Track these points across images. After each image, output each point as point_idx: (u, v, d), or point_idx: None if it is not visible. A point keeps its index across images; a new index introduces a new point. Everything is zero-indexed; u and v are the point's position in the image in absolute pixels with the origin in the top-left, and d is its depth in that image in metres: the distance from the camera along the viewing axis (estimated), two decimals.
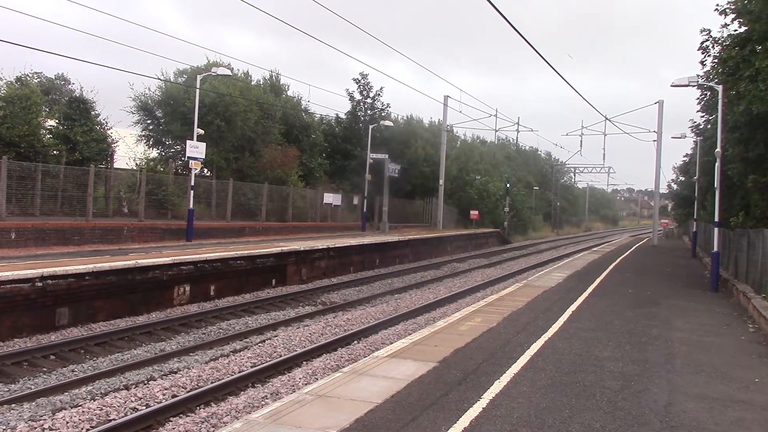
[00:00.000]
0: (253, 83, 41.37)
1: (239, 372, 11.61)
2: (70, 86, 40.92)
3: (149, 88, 35.32)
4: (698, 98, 27.80)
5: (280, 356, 12.89)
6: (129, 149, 33.41)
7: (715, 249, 20.96)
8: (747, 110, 17.87)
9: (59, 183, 24.53)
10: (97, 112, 29.59)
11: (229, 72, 31.00)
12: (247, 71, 41.80)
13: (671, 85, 21.53)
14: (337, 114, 48.92)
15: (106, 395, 10.15)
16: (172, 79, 35.08)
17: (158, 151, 35.81)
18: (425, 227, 48.74)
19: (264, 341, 14.35)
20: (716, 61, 20.74)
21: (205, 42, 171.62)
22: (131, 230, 25.07)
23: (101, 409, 9.34)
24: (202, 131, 28.00)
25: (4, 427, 8.68)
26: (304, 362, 12.66)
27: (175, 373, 11.63)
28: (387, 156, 42.28)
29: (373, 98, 49.03)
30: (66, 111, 28.73)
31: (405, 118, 55.17)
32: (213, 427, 8.94)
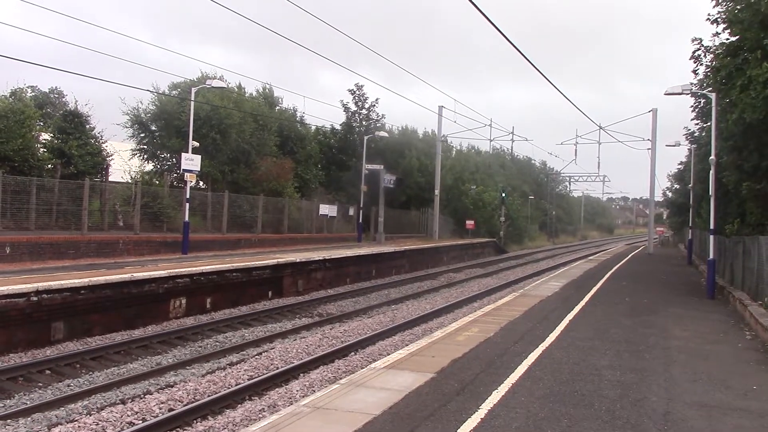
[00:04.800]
0: (246, 96, 41.42)
1: (236, 385, 11.55)
2: (63, 99, 40.95)
3: (141, 102, 35.35)
4: (692, 106, 27.91)
5: (277, 368, 12.83)
6: (124, 162, 33.35)
7: (711, 256, 20.99)
8: (740, 119, 17.95)
9: (54, 197, 24.49)
10: (91, 126, 29.60)
11: (223, 84, 31.07)
12: (239, 83, 41.91)
13: (665, 93, 21.69)
14: (332, 125, 48.98)
15: (102, 410, 10.08)
16: (165, 93, 35.08)
17: (153, 164, 35.76)
18: (421, 237, 48.76)
19: (261, 353, 14.30)
20: (709, 70, 20.86)
21: (177, 58, 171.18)
22: (127, 243, 25.00)
23: (97, 424, 9.28)
24: (197, 144, 28.00)
25: None
26: (302, 374, 12.61)
27: (172, 386, 11.56)
28: (382, 167, 42.33)
29: (368, 109, 49.11)
30: (60, 125, 28.72)
31: (400, 128, 55.30)
32: None
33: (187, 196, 26.95)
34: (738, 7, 18.84)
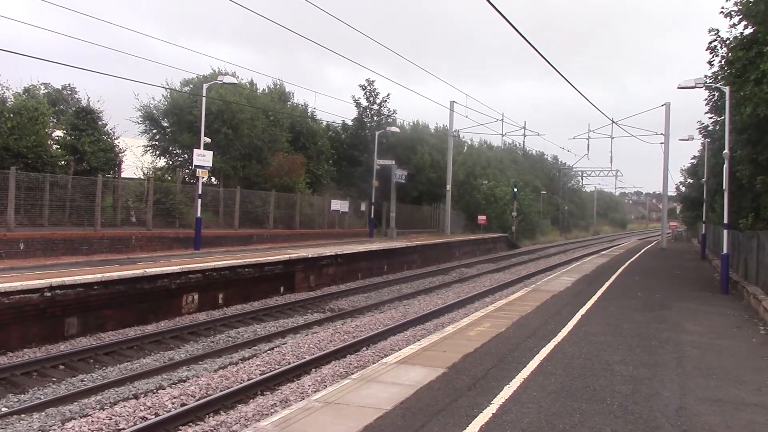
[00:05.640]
0: (258, 92, 41.48)
1: (248, 380, 11.59)
2: (76, 96, 41.19)
3: (153, 98, 35.50)
4: (706, 99, 27.73)
5: (289, 363, 12.87)
6: (136, 158, 33.52)
7: (725, 251, 20.83)
8: (754, 113, 17.79)
9: (67, 193, 24.64)
10: (104, 122, 29.76)
11: (235, 80, 31.10)
12: (252, 79, 41.98)
13: (678, 87, 21.45)
14: (343, 120, 49.00)
15: (115, 405, 10.14)
16: (177, 89, 35.17)
17: (165, 160, 35.92)
18: (433, 233, 48.70)
19: (273, 349, 14.34)
20: (723, 62, 20.68)
21: (188, 55, 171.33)
22: (139, 239, 25.13)
23: (111, 419, 9.34)
24: (209, 140, 28.08)
25: None
26: (313, 369, 12.63)
27: (184, 381, 11.62)
28: (394, 162, 42.26)
29: (379, 104, 49.09)
30: (73, 121, 28.88)
31: (411, 124, 55.19)
32: None
33: (199, 192, 27.04)
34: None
